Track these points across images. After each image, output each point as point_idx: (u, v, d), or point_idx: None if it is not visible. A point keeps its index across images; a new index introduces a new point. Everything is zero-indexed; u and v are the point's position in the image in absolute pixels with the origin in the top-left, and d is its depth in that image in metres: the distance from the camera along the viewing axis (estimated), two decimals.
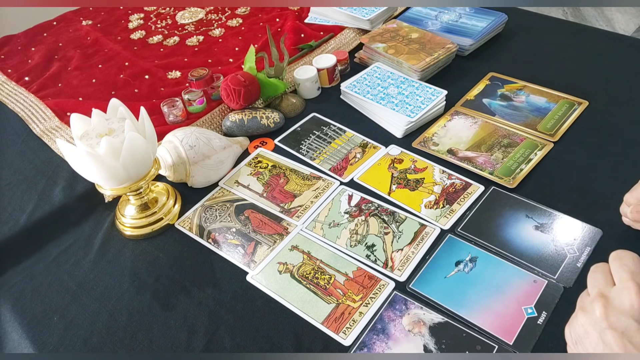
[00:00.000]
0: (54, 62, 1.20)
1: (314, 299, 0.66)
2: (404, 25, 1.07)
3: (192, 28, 1.28)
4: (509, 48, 1.05)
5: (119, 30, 1.31)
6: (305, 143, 0.89)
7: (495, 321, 0.60)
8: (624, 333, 0.44)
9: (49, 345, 0.65)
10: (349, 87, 0.94)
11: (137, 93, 1.07)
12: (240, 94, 0.90)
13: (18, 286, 0.73)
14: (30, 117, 1.04)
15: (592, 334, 0.46)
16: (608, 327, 0.45)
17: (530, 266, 0.65)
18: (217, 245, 0.74)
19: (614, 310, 0.45)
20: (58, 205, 0.85)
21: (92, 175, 0.70)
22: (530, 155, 0.80)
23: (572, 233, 0.68)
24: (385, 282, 0.66)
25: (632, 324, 0.44)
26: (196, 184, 0.82)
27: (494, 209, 0.73)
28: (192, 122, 0.95)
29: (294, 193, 0.80)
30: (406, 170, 0.81)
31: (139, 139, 0.69)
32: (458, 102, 0.92)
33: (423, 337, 0.60)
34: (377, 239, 0.72)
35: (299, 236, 0.74)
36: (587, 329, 0.47)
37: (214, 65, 1.12)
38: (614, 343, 0.44)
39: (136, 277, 0.72)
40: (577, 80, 0.93)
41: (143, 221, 0.77)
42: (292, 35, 1.13)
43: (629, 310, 0.44)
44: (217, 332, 0.64)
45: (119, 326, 0.66)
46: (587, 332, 0.47)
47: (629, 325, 0.44)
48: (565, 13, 2.40)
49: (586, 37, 1.07)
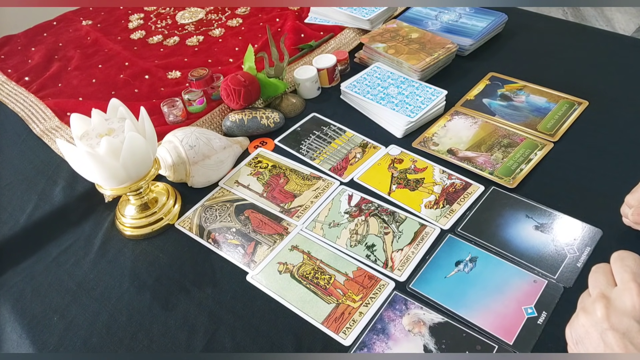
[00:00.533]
0: (54, 62, 1.20)
1: (314, 299, 0.66)
2: (404, 25, 1.07)
3: (192, 28, 1.28)
4: (509, 48, 1.05)
5: (119, 30, 1.31)
6: (305, 143, 0.89)
7: (495, 321, 0.60)
8: (626, 334, 0.44)
9: (49, 345, 0.65)
10: (349, 87, 0.94)
11: (137, 93, 1.07)
12: (240, 94, 0.90)
13: (18, 286, 0.73)
14: (30, 117, 1.04)
15: (593, 335, 0.46)
16: (609, 328, 0.45)
17: (530, 266, 0.65)
18: (217, 245, 0.74)
19: (616, 311, 0.45)
20: (58, 205, 0.85)
21: (92, 175, 0.70)
22: (530, 155, 0.80)
23: (572, 233, 0.68)
24: (385, 282, 0.66)
25: (634, 325, 0.44)
26: (196, 184, 0.82)
27: (494, 209, 0.73)
28: (192, 122, 0.95)
29: (294, 193, 0.80)
30: (406, 170, 0.81)
31: (139, 139, 0.69)
32: (458, 102, 0.92)
33: (423, 337, 0.60)
34: (377, 239, 0.72)
35: (299, 236, 0.74)
36: (588, 330, 0.47)
37: (214, 65, 1.12)
38: (615, 344, 0.44)
39: (136, 277, 0.72)
40: (577, 80, 0.93)
41: (143, 221, 0.77)
42: (292, 35, 1.13)
43: (631, 312, 0.44)
44: (217, 332, 0.64)
45: (119, 326, 0.66)
46: (588, 333, 0.47)
47: (630, 327, 0.44)
48: (565, 13, 2.39)
49: (586, 37, 1.06)
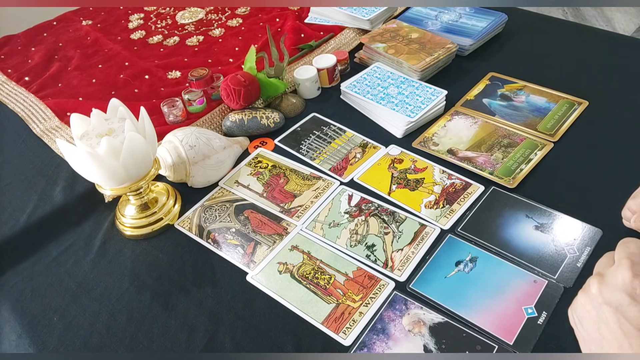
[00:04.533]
0: (54, 62, 1.20)
1: (314, 299, 0.66)
2: (404, 25, 1.07)
3: (192, 28, 1.28)
4: (509, 48, 1.05)
5: (119, 30, 1.31)
6: (305, 143, 0.89)
7: (495, 321, 0.60)
8: (618, 308, 0.44)
9: (49, 345, 0.65)
10: (349, 87, 0.94)
11: (137, 93, 1.07)
12: (240, 94, 0.90)
13: (18, 286, 0.73)
14: (30, 117, 1.04)
15: (591, 312, 0.47)
16: (603, 303, 0.45)
17: (530, 266, 0.65)
18: (216, 245, 0.74)
19: (608, 286, 0.46)
20: (58, 205, 0.85)
21: (92, 175, 0.70)
22: (530, 155, 0.80)
23: (572, 233, 0.68)
24: (385, 282, 0.66)
25: (625, 299, 0.44)
26: (196, 184, 0.82)
27: (494, 209, 0.73)
28: (192, 122, 0.95)
29: (294, 193, 0.80)
30: (406, 170, 0.81)
31: (139, 139, 0.69)
32: (458, 102, 0.92)
33: (423, 337, 0.60)
34: (377, 239, 0.72)
35: (299, 236, 0.74)
36: (586, 307, 0.48)
37: (214, 65, 1.12)
38: (610, 318, 0.45)
39: (136, 277, 0.72)
40: (577, 80, 0.93)
41: (143, 221, 0.77)
42: (292, 35, 1.13)
43: (621, 285, 0.45)
44: (217, 332, 0.64)
45: (119, 326, 0.66)
46: (587, 311, 0.48)
47: (622, 300, 0.44)
48: (565, 13, 2.39)
49: (586, 37, 1.06)
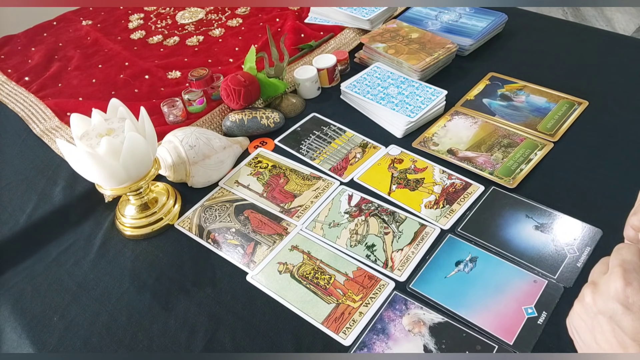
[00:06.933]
0: (54, 62, 1.20)
1: (314, 299, 0.66)
2: (404, 25, 1.07)
3: (192, 28, 1.28)
4: (509, 48, 1.05)
5: (119, 30, 1.31)
6: (305, 143, 0.89)
7: (495, 321, 0.60)
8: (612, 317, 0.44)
9: (49, 345, 0.65)
10: (349, 87, 0.94)
11: (137, 93, 1.07)
12: (240, 94, 0.90)
13: (18, 286, 0.73)
14: (30, 117, 1.04)
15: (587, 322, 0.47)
16: (598, 312, 0.45)
17: (530, 266, 0.65)
18: (216, 245, 0.74)
19: (601, 295, 0.45)
20: (58, 205, 0.85)
21: (92, 175, 0.70)
22: (530, 155, 0.80)
23: (572, 233, 0.68)
24: (385, 282, 0.66)
25: (618, 308, 0.44)
26: (196, 184, 0.82)
27: (494, 209, 0.73)
28: (192, 122, 0.95)
29: (294, 193, 0.80)
30: (406, 170, 0.81)
31: (139, 139, 0.69)
32: (458, 102, 0.92)
33: (423, 337, 0.60)
34: (377, 239, 0.72)
35: (298, 236, 0.74)
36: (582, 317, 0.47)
37: (214, 65, 1.12)
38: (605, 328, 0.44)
39: (136, 277, 0.72)
40: (577, 80, 0.93)
41: (143, 221, 0.77)
42: (292, 35, 1.13)
43: (614, 295, 0.44)
44: (217, 332, 0.64)
45: (118, 326, 0.66)
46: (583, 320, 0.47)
47: (615, 309, 0.44)
48: (565, 13, 2.39)
49: (586, 37, 1.06)
